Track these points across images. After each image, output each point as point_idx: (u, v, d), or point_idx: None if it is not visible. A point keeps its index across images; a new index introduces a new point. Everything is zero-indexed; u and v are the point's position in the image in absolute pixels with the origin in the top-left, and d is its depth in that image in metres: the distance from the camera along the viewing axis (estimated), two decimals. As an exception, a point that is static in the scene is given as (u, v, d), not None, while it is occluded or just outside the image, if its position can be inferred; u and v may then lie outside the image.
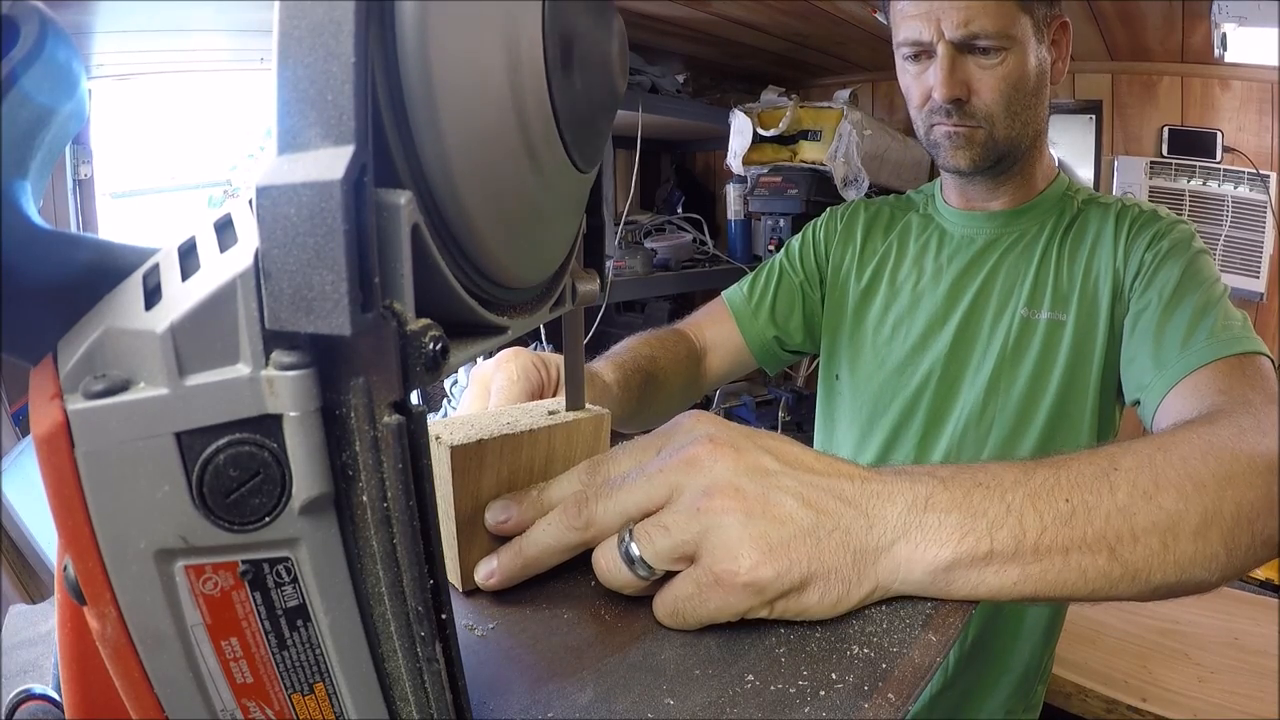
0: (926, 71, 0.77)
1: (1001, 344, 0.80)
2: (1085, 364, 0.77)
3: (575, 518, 0.34)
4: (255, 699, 0.20)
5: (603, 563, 0.33)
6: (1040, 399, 0.78)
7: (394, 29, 0.18)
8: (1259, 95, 1.53)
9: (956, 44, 0.74)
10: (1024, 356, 0.79)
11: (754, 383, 1.91)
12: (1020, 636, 0.84)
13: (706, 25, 1.53)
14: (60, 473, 0.17)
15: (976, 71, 0.75)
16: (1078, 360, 0.77)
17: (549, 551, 0.34)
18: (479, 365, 0.52)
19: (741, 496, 0.32)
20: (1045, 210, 0.83)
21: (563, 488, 0.36)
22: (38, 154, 0.19)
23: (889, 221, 0.93)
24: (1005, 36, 0.73)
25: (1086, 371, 0.77)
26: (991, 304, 0.83)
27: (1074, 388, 0.78)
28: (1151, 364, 0.67)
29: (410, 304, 0.18)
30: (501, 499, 0.35)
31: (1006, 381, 0.80)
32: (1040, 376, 0.78)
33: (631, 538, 0.32)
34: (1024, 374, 0.79)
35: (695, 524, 0.31)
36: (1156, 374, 0.66)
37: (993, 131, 0.77)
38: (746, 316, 0.92)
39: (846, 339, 0.91)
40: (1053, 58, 0.79)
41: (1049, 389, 0.78)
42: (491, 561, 0.35)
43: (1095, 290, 0.77)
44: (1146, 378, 0.67)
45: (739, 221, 1.86)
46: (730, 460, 0.33)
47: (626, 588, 0.33)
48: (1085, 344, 0.77)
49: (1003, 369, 0.80)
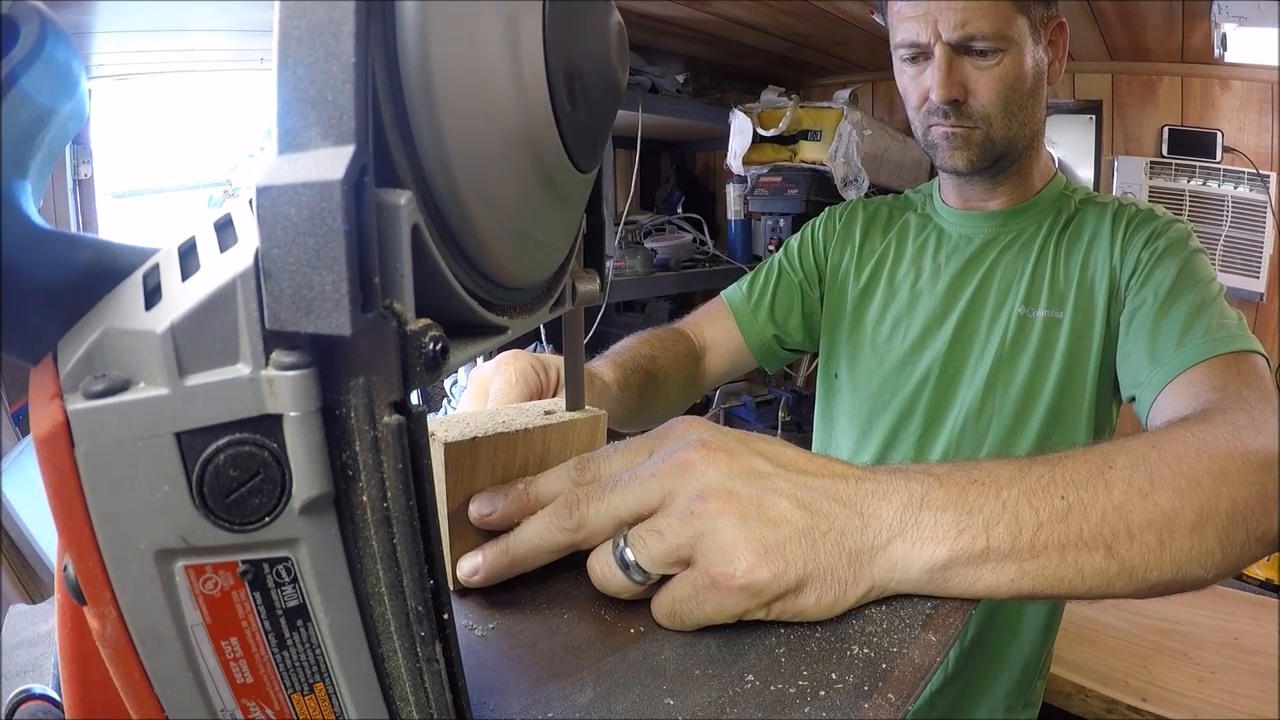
0: (924, 73, 0.78)
1: (999, 342, 0.81)
2: (1082, 361, 0.77)
3: (566, 519, 0.33)
4: (255, 699, 0.20)
5: (598, 568, 0.33)
6: (1038, 396, 0.79)
7: (394, 29, 0.18)
8: (1259, 95, 1.53)
9: (954, 45, 0.74)
10: (1021, 354, 0.80)
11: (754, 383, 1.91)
12: (1019, 633, 0.84)
13: (706, 25, 1.53)
14: (60, 473, 0.17)
15: (974, 72, 0.75)
16: (1074, 357, 0.78)
17: (536, 551, 0.34)
18: (478, 367, 0.52)
19: (735, 500, 0.32)
20: (1043, 210, 0.84)
21: (550, 483, 0.35)
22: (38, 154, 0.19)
23: (887, 221, 0.94)
24: (1002, 38, 0.73)
25: (1083, 369, 0.77)
26: (989, 302, 0.83)
27: (1071, 385, 0.78)
28: (1147, 360, 0.67)
29: (410, 304, 0.18)
30: (487, 492, 0.35)
31: (1004, 379, 0.80)
32: (1037, 374, 0.79)
33: (626, 543, 0.32)
34: (1021, 371, 0.79)
35: (689, 528, 0.31)
36: (1152, 370, 0.66)
37: (990, 132, 0.77)
38: (746, 315, 0.92)
39: (845, 338, 0.92)
40: (1049, 58, 0.79)
41: (1046, 386, 0.78)
42: (476, 557, 0.34)
43: (1092, 288, 0.77)
44: (1142, 374, 0.67)
45: (739, 221, 1.86)
46: (723, 464, 0.33)
47: (622, 592, 0.33)
48: (1082, 341, 0.77)
49: (1000, 367, 0.81)
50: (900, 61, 0.81)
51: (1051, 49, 0.79)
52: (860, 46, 1.71)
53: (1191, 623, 1.23)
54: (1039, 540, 0.34)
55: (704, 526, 0.31)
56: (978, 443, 0.82)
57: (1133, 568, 0.36)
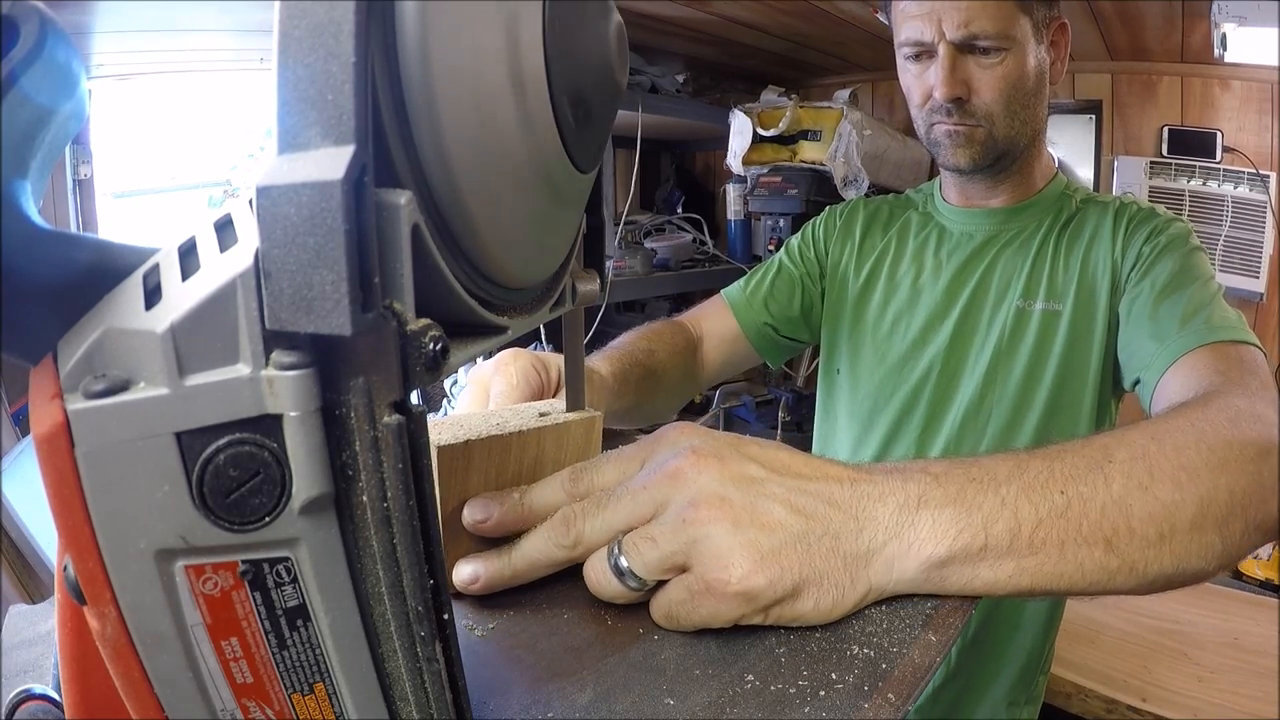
0: (927, 71, 0.78)
1: (999, 336, 0.82)
2: (1082, 355, 0.78)
3: (564, 536, 0.34)
4: (255, 699, 0.20)
5: (593, 575, 0.33)
6: (1036, 389, 0.79)
7: (394, 29, 0.18)
8: (1259, 95, 1.53)
9: (957, 44, 0.75)
10: (1019, 347, 0.80)
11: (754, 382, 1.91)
12: (1020, 627, 0.84)
13: (706, 25, 1.53)
14: (60, 472, 0.17)
15: (977, 71, 0.76)
16: (1074, 351, 0.78)
17: (536, 566, 0.35)
18: (477, 367, 0.52)
19: (728, 506, 0.32)
20: (1044, 208, 0.85)
21: (544, 495, 0.36)
22: (38, 154, 0.19)
23: (888, 218, 0.94)
24: (1005, 37, 0.74)
25: (1084, 363, 0.78)
26: (989, 298, 0.84)
27: (1071, 379, 0.78)
28: (1150, 339, 0.68)
29: (410, 304, 0.18)
30: (482, 497, 0.35)
31: (1003, 373, 0.81)
32: (1036, 367, 0.79)
33: (620, 550, 0.32)
34: (1020, 364, 0.80)
35: (682, 535, 0.31)
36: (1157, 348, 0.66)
37: (992, 130, 0.78)
38: (742, 304, 0.93)
39: (846, 334, 0.92)
40: (1051, 58, 0.80)
41: (1045, 379, 0.79)
42: (476, 566, 0.35)
43: (1094, 283, 0.78)
44: (1145, 353, 0.68)
45: (739, 221, 1.86)
46: (715, 471, 0.33)
47: (618, 598, 0.33)
48: (1083, 335, 0.78)
49: (999, 360, 0.81)
50: (904, 60, 0.82)
51: (1053, 49, 0.80)
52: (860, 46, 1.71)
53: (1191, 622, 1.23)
54: (1038, 537, 0.34)
55: (697, 534, 0.31)
56: (977, 437, 0.82)
57: (1133, 562, 0.36)
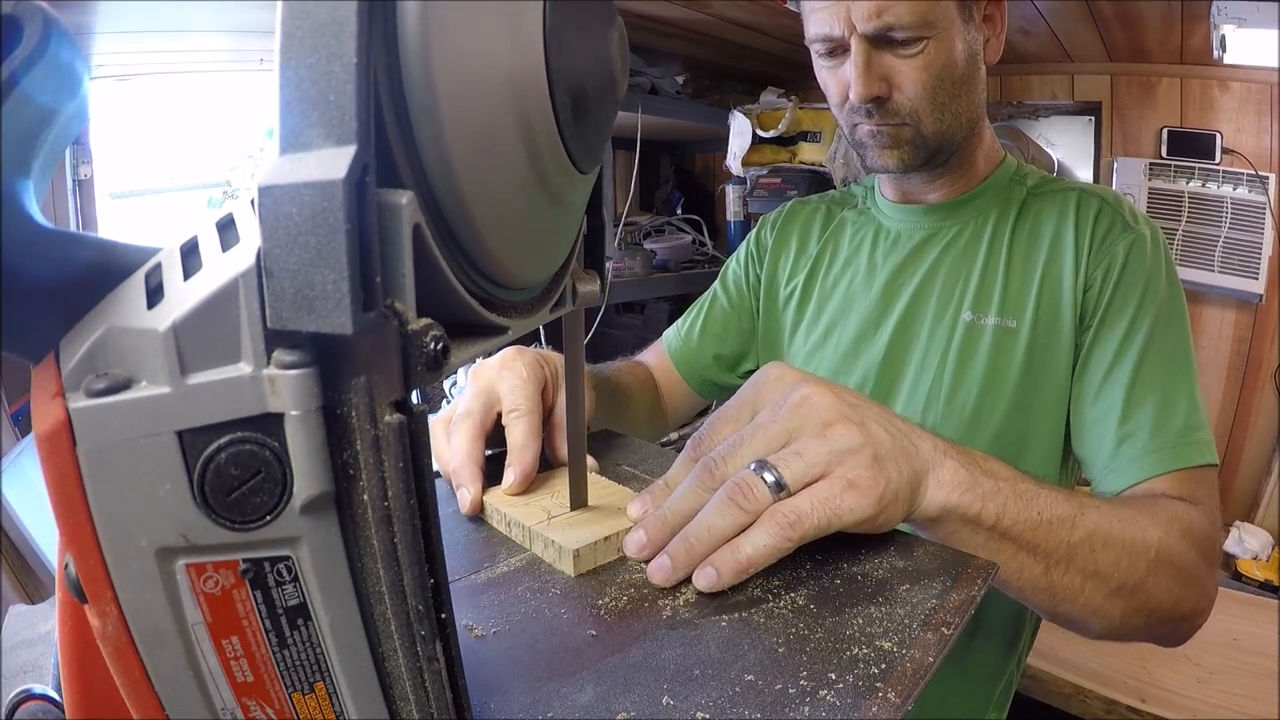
0: (842, 68, 0.69)
1: (941, 350, 0.72)
2: (1045, 376, 0.68)
3: (709, 479, 0.38)
4: (256, 698, 0.20)
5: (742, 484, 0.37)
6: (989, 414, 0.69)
7: (396, 29, 0.19)
8: (1258, 97, 1.53)
9: (870, 37, 0.65)
10: (969, 366, 0.70)
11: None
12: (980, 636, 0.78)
13: (706, 27, 1.54)
14: (62, 471, 0.17)
15: (896, 65, 0.66)
16: (1034, 371, 0.68)
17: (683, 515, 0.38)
18: (479, 364, 0.52)
19: (850, 422, 0.38)
20: (989, 200, 0.76)
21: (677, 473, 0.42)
22: (40, 154, 0.19)
23: (824, 221, 0.87)
24: (924, 24, 0.64)
25: (1047, 384, 0.68)
26: (930, 306, 0.74)
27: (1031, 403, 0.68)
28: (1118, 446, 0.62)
29: (411, 303, 0.18)
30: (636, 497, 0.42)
31: (949, 393, 0.71)
32: (989, 390, 0.69)
33: (770, 466, 0.37)
34: (972, 386, 0.70)
35: (824, 447, 0.37)
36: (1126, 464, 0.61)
37: (920, 128, 0.69)
38: (678, 352, 0.90)
39: (782, 350, 0.87)
40: (985, 36, 0.70)
41: (999, 403, 0.69)
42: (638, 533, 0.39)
43: (1056, 300, 0.68)
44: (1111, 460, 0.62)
45: (738, 222, 1.86)
46: (832, 396, 0.39)
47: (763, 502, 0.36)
48: (1045, 354, 0.68)
49: (942, 378, 0.71)
50: (817, 57, 0.72)
51: (988, 25, 0.70)
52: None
53: (1191, 624, 1.23)
54: (1010, 531, 0.42)
55: (835, 445, 0.37)
56: None
57: (1055, 591, 0.45)
